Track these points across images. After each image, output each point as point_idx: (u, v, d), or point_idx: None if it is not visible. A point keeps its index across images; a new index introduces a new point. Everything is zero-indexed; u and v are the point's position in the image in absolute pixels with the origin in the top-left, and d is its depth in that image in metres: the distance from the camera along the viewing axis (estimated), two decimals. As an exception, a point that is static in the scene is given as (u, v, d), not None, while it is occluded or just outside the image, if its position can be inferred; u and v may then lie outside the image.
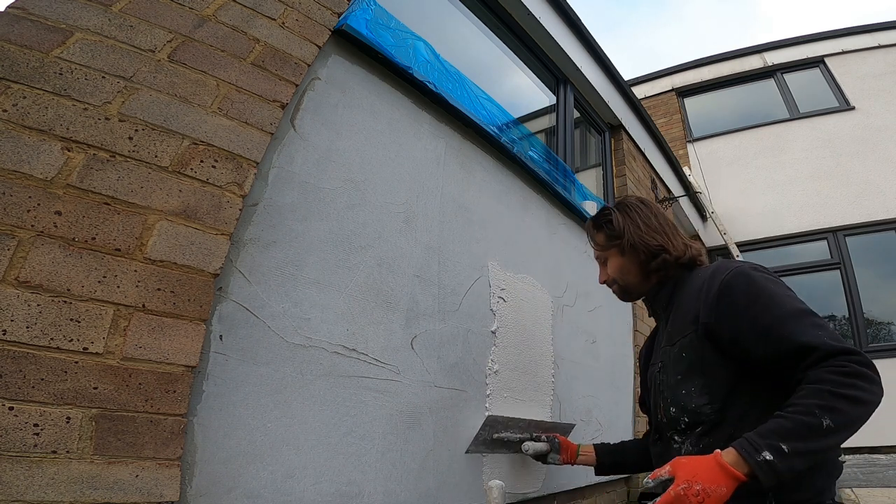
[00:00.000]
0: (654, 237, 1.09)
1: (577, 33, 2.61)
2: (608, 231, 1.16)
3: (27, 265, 0.66)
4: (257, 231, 0.96)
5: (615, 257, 1.16)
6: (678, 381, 0.97)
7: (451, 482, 1.26)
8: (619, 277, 1.16)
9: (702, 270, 1.03)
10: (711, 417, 0.91)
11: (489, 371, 1.46)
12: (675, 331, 1.01)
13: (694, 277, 1.03)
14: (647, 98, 6.45)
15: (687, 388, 0.95)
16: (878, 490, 2.37)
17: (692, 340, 0.94)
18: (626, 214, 1.14)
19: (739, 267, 0.92)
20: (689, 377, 0.95)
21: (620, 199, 1.21)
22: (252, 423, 0.87)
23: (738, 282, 0.89)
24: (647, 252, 1.09)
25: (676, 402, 0.98)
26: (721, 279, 0.92)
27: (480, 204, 1.59)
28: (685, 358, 0.96)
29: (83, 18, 0.83)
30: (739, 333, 0.86)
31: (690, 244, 1.11)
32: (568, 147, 2.51)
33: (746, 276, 0.89)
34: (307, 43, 1.12)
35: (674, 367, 0.99)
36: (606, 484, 2.16)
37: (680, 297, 1.05)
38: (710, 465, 0.77)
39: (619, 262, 1.15)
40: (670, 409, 0.99)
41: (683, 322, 0.98)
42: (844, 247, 4.57)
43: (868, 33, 5.56)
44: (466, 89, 1.62)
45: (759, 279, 0.89)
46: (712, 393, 0.91)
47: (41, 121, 0.73)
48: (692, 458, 0.81)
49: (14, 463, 0.59)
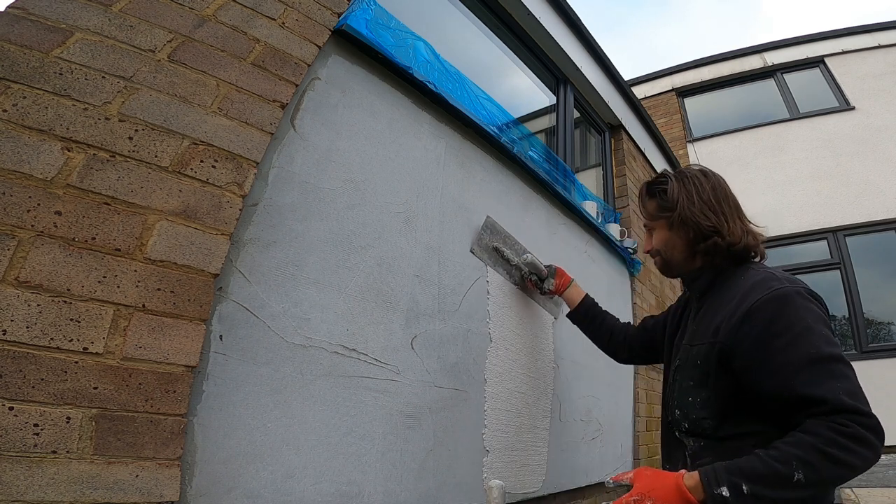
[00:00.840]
0: (709, 216, 0.98)
1: (577, 33, 2.61)
2: (661, 200, 1.05)
3: (27, 265, 0.66)
4: (257, 231, 0.96)
5: (662, 230, 1.06)
6: (689, 387, 0.95)
7: (451, 482, 1.26)
8: (664, 251, 1.07)
9: (749, 274, 0.94)
10: (708, 433, 0.90)
11: (489, 371, 1.46)
12: (699, 333, 0.97)
13: (737, 279, 0.95)
14: (647, 98, 6.45)
15: (693, 397, 0.93)
16: (878, 490, 2.37)
17: (708, 352, 0.90)
18: (682, 185, 1.03)
19: (779, 289, 0.83)
20: (697, 387, 0.93)
21: (681, 168, 1.10)
22: (252, 423, 0.87)
23: (767, 308, 0.82)
24: (698, 231, 0.99)
25: (682, 407, 0.96)
26: (754, 300, 0.84)
27: (480, 204, 1.59)
28: (699, 367, 0.93)
29: (83, 18, 0.83)
30: (752, 363, 0.82)
31: (750, 230, 1.00)
32: (568, 147, 2.51)
33: (779, 303, 0.82)
34: (307, 43, 1.12)
35: (688, 372, 0.96)
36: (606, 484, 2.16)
37: (716, 295, 0.98)
38: (669, 485, 0.77)
39: (665, 236, 1.06)
40: (676, 410, 0.99)
41: (708, 328, 0.93)
42: (844, 247, 4.57)
43: (868, 33, 5.57)
44: (466, 89, 1.62)
45: (793, 309, 0.81)
46: (713, 409, 0.89)
47: (41, 121, 0.73)
48: (656, 473, 0.82)
49: (14, 463, 0.59)
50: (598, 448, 2.05)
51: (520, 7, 2.20)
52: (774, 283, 0.86)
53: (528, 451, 1.57)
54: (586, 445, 1.95)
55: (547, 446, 1.67)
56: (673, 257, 1.06)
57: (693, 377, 0.94)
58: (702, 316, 0.99)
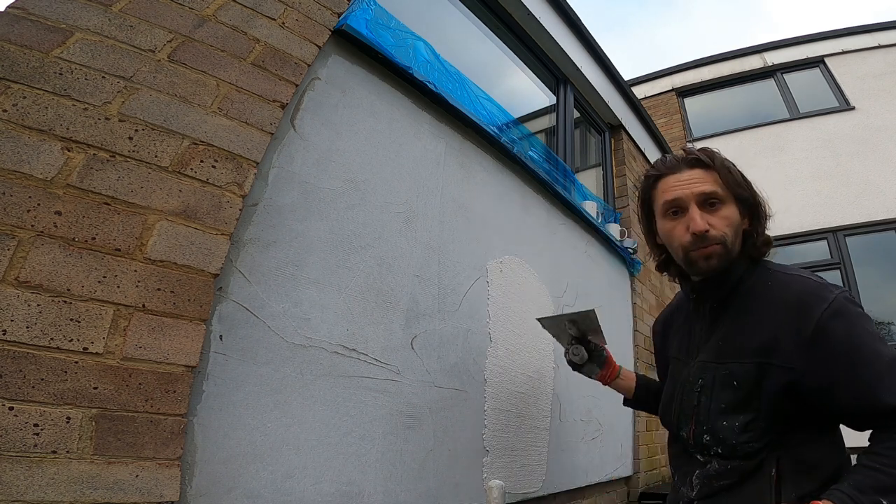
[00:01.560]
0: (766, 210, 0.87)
1: (577, 33, 2.62)
2: (738, 174, 0.88)
3: (27, 265, 0.66)
4: (257, 231, 0.96)
5: (733, 209, 0.86)
6: (721, 410, 0.84)
7: (451, 482, 1.26)
8: (732, 234, 0.85)
9: (774, 277, 0.85)
10: (751, 455, 0.81)
11: (489, 371, 1.46)
12: (730, 350, 0.85)
13: (763, 284, 0.85)
14: (647, 98, 6.45)
15: (729, 420, 0.83)
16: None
17: (753, 374, 0.80)
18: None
19: (835, 302, 0.76)
20: (736, 410, 0.83)
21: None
22: (252, 423, 0.87)
23: (838, 326, 0.75)
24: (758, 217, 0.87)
25: (714, 432, 0.85)
26: (817, 317, 0.75)
27: (480, 204, 1.59)
28: (737, 388, 0.82)
29: (83, 18, 0.83)
30: (833, 385, 0.74)
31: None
32: (568, 147, 2.51)
33: (846, 319, 0.75)
34: (307, 43, 1.12)
35: (719, 393, 0.85)
36: (606, 484, 2.16)
37: (741, 304, 0.86)
38: None
39: (736, 217, 0.86)
40: (703, 435, 0.87)
41: (745, 346, 0.83)
42: (844, 247, 4.57)
43: (868, 33, 5.57)
44: (466, 89, 1.62)
45: (858, 321, 0.75)
46: (758, 431, 0.80)
47: (41, 121, 0.73)
48: None
49: (14, 463, 0.59)
50: (598, 448, 2.05)
51: (520, 7, 2.20)
52: (825, 293, 0.77)
53: (528, 452, 1.57)
54: (586, 445, 1.95)
55: (547, 446, 1.67)
56: (735, 247, 0.86)
57: (725, 400, 0.84)
58: (726, 329, 0.88)
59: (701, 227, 0.83)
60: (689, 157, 0.89)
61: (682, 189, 0.87)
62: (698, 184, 0.86)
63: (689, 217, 0.86)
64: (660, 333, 1.13)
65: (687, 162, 0.89)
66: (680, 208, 0.88)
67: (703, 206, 0.86)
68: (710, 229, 0.84)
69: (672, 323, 1.07)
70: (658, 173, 0.93)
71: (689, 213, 0.86)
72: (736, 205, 0.86)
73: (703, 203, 0.86)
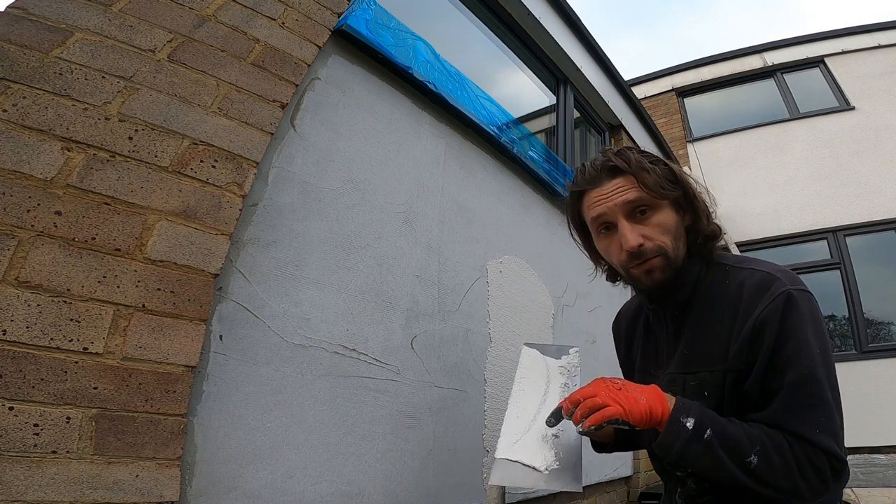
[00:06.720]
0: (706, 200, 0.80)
1: (577, 33, 2.61)
2: (663, 171, 0.79)
3: (27, 265, 0.66)
4: (257, 231, 0.96)
5: (667, 212, 0.78)
6: None
7: (451, 482, 1.26)
8: (671, 243, 0.77)
9: (730, 274, 0.79)
10: None
11: (489, 371, 1.46)
12: (698, 358, 0.79)
13: (721, 283, 0.79)
14: (647, 98, 6.45)
15: None
16: (878, 490, 2.37)
17: (720, 380, 0.75)
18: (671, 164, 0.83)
19: (780, 296, 0.70)
20: None
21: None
22: (252, 424, 0.87)
23: (776, 320, 0.70)
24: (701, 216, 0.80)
25: None
26: (758, 312, 0.71)
27: (480, 204, 1.59)
28: (707, 398, 0.76)
29: (83, 18, 0.83)
30: (752, 374, 0.71)
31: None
32: (568, 147, 2.51)
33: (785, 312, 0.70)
34: (307, 43, 1.12)
35: None
36: (606, 484, 2.16)
37: (705, 306, 0.80)
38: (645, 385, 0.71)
39: (673, 221, 0.79)
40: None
41: (710, 352, 0.77)
42: (844, 247, 4.57)
43: (868, 33, 5.57)
44: (466, 89, 1.62)
45: (798, 316, 0.70)
46: None
47: (41, 121, 0.73)
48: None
49: (14, 463, 0.59)
50: (598, 448, 2.05)
51: (520, 7, 2.20)
52: (774, 285, 0.72)
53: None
54: (586, 445, 1.95)
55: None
56: (679, 252, 0.79)
57: None
58: (694, 338, 0.81)
59: (633, 243, 0.76)
60: (607, 165, 0.80)
61: (605, 203, 0.79)
62: (621, 193, 0.78)
63: (619, 234, 0.78)
64: (623, 336, 1.05)
65: (606, 171, 0.80)
66: (609, 223, 0.80)
67: (633, 216, 0.78)
68: (645, 242, 0.76)
69: (635, 329, 1.00)
70: (580, 189, 0.84)
71: (619, 230, 0.78)
72: (669, 206, 0.79)
73: (632, 213, 0.78)
